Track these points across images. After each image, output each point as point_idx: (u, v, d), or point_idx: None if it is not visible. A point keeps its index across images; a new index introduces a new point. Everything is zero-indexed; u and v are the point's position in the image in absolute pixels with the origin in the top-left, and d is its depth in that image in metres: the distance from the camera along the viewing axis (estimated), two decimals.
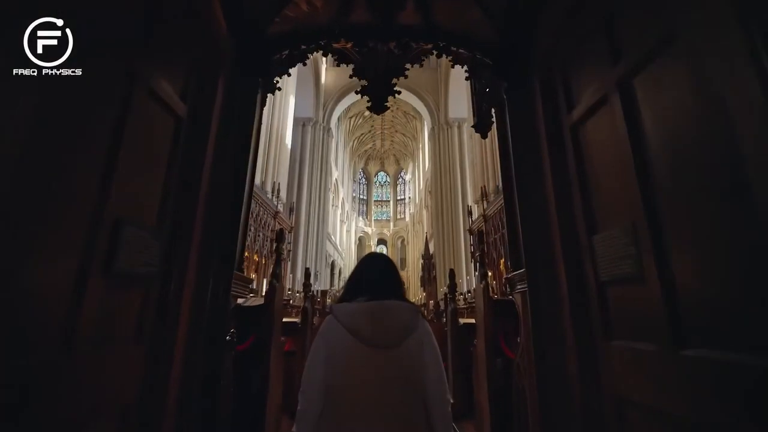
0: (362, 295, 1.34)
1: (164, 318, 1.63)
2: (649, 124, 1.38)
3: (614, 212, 1.57)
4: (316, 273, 21.52)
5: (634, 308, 1.46)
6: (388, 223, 44.46)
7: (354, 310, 1.28)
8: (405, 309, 1.32)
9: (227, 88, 2.15)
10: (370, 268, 1.47)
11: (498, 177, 13.34)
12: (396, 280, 1.44)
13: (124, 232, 1.40)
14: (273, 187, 12.75)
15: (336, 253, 30.95)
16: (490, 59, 2.43)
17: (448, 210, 21.35)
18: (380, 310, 1.27)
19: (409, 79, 11.32)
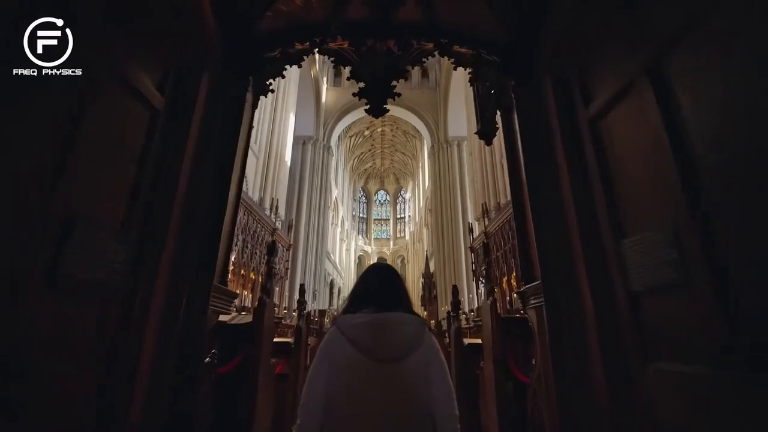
0: (367, 306, 1.29)
1: (126, 335, 1.39)
2: (688, 108, 1.19)
3: (647, 212, 1.36)
4: (314, 292, 21.12)
5: (677, 323, 1.24)
6: (388, 241, 44.16)
7: (358, 322, 1.23)
8: (411, 322, 1.26)
9: (213, 83, 1.99)
10: (376, 279, 1.42)
11: (499, 193, 13.21)
12: (402, 291, 1.39)
13: (76, 234, 1.19)
14: (271, 203, 12.59)
15: (335, 272, 30.53)
16: (496, 56, 2.28)
17: (448, 228, 21.15)
18: (386, 323, 1.22)
19: (409, 99, 11.58)
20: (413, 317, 1.29)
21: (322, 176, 22.97)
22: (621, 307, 1.46)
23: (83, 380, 1.25)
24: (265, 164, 13.23)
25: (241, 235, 9.49)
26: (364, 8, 2.27)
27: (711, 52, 1.12)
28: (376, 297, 1.32)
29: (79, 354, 1.26)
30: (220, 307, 1.97)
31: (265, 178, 13.13)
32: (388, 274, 1.44)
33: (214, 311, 1.89)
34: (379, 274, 1.44)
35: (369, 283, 1.41)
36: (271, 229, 11.76)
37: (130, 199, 1.46)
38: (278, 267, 12.58)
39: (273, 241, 2.92)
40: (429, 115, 24.91)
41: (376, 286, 1.38)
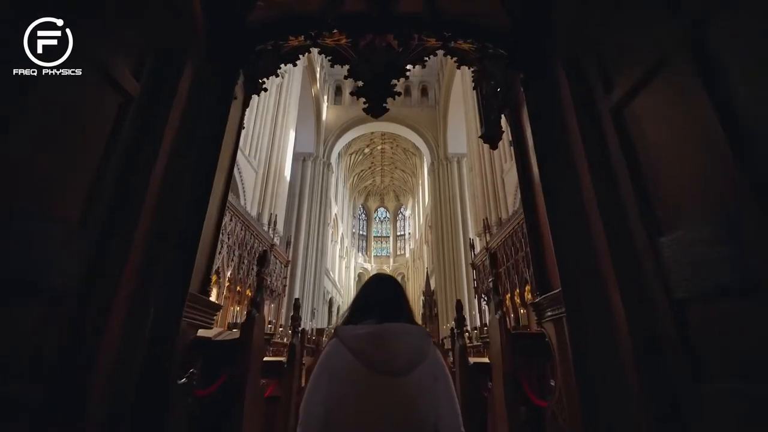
0: (369, 317, 1.24)
1: (77, 348, 1.17)
2: (742, 79, 1.01)
3: (691, 205, 1.16)
4: (313, 310, 20.69)
5: (738, 335, 1.02)
6: (388, 259, 43.76)
7: (360, 333, 1.17)
8: (416, 333, 1.20)
9: (197, 73, 1.82)
10: (378, 289, 1.38)
11: (500, 208, 13.04)
12: (405, 301, 1.35)
13: (16, 227, 0.99)
14: (270, 218, 12.39)
15: (334, 290, 30.06)
16: (503, 49, 2.12)
17: (449, 244, 20.90)
18: (389, 334, 1.16)
19: (408, 117, 11.55)
20: (417, 328, 1.23)
21: (321, 193, 22.88)
22: (661, 316, 1.24)
23: (17, 403, 1.03)
24: (264, 179, 13.10)
25: (238, 250, 9.24)
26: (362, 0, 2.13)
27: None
28: (378, 308, 1.27)
29: (15, 371, 1.03)
30: (200, 320, 1.75)
31: (263, 193, 12.97)
32: (390, 285, 1.39)
33: (192, 324, 1.67)
34: (380, 285, 1.40)
35: (370, 294, 1.37)
36: (269, 244, 11.53)
37: (90, 191, 1.27)
38: (275, 284, 12.29)
39: (264, 251, 2.70)
40: (429, 133, 25.04)
41: (377, 297, 1.33)
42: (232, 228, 8.88)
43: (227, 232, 8.61)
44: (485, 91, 2.89)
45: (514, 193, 12.08)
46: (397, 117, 25.96)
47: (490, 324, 2.72)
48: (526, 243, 8.02)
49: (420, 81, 26.99)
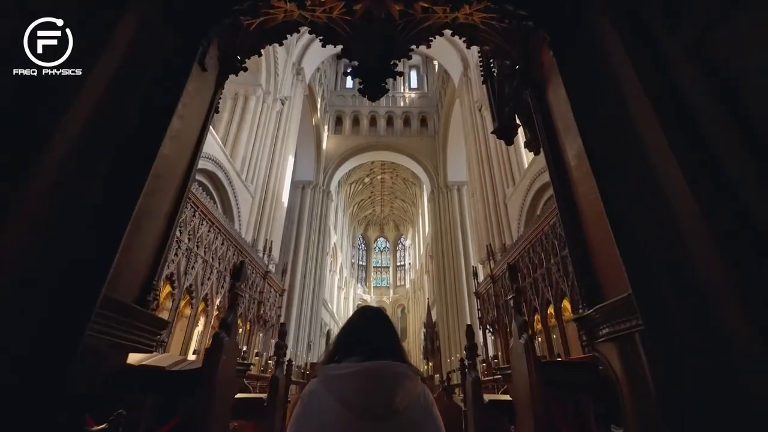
0: (354, 354, 1.15)
1: None
2: None
3: None
4: (309, 343, 19.73)
5: None
6: (388, 290, 42.79)
7: (343, 373, 1.07)
8: (403, 372, 1.09)
9: (146, 24, 1.45)
10: (365, 323, 1.30)
11: (504, 235, 12.60)
12: (395, 337, 1.26)
13: None
14: (265, 245, 11.92)
15: (332, 322, 28.99)
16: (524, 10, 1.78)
17: (450, 274, 20.27)
18: (375, 373, 1.06)
19: (408, 146, 11.45)
20: (405, 366, 1.12)
21: (320, 221, 22.52)
22: None
23: None
24: (260, 204, 12.75)
25: (229, 276, 8.72)
26: None
27: None
28: (364, 344, 1.19)
29: None
30: (129, 339, 1.28)
31: (259, 219, 12.58)
32: (378, 318, 1.31)
33: (114, 344, 1.20)
34: (367, 318, 1.32)
35: (356, 328, 1.29)
36: (263, 271, 11.00)
37: None
38: (269, 313, 11.63)
39: (241, 263, 2.26)
40: (428, 161, 25.06)
41: (363, 332, 1.25)
42: (224, 252, 8.40)
43: (218, 257, 8.12)
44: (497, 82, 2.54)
45: (517, 218, 11.69)
46: (397, 146, 26.11)
47: (513, 352, 2.22)
48: (547, 257, 7.51)
49: (419, 111, 27.38)
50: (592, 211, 1.41)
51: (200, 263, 7.14)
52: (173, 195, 1.57)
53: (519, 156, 12.53)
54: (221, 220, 8.25)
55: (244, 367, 2.62)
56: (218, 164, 9.99)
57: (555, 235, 7.36)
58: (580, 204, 1.56)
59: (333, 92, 27.45)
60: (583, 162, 1.50)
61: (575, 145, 1.59)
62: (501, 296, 10.43)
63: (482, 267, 13.50)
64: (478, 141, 14.70)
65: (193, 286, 6.95)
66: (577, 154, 1.56)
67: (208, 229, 7.63)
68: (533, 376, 1.94)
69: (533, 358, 1.98)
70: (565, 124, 1.66)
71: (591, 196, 1.44)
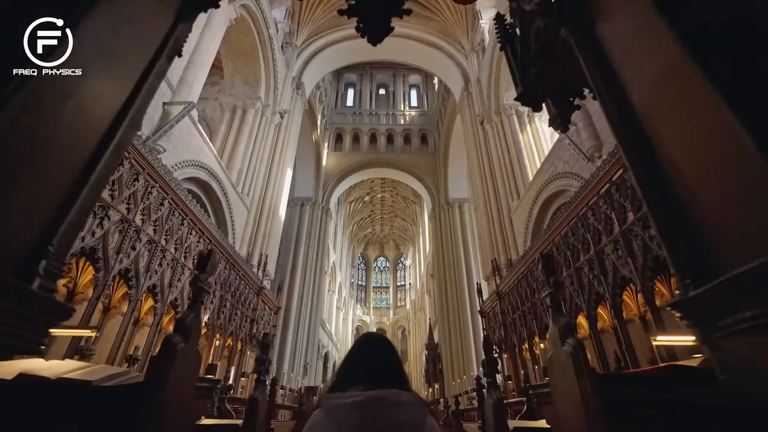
0: (358, 383, 1.09)
1: None
2: None
3: None
4: (305, 365, 18.86)
5: None
6: (388, 311, 41.79)
7: (348, 403, 1.02)
8: (410, 402, 1.06)
9: None
10: (368, 351, 1.25)
11: (510, 250, 12.10)
12: (399, 366, 1.21)
13: None
14: (260, 259, 11.40)
15: (330, 344, 28.03)
16: None
17: (452, 293, 19.63)
18: (380, 404, 1.02)
19: (408, 163, 11.13)
20: (412, 397, 1.07)
21: (319, 239, 22.03)
22: None
23: None
24: (256, 218, 12.31)
25: (220, 290, 8.16)
26: None
27: None
28: (368, 372, 1.15)
29: None
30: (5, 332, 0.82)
31: (255, 233, 12.11)
32: (382, 345, 1.27)
33: None
34: (371, 345, 1.28)
35: (360, 355, 1.24)
36: (257, 287, 10.45)
37: None
38: (263, 332, 10.99)
39: (209, 251, 1.79)
40: (429, 179, 24.82)
41: (368, 360, 1.20)
42: None
43: None
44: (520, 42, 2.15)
45: (523, 232, 11.23)
46: (398, 163, 25.91)
47: (553, 364, 1.73)
48: (558, 270, 6.67)
49: (420, 129, 27.34)
50: (705, 153, 0.98)
51: (187, 275, 6.63)
52: (93, 140, 1.14)
53: (523, 168, 12.20)
54: (213, 231, 7.80)
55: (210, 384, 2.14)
56: (212, 174, 9.61)
57: (568, 245, 6.88)
58: (665, 150, 1.12)
59: (333, 110, 27.51)
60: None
61: (641, 85, 1.18)
62: (508, 314, 9.84)
63: (487, 284, 12.94)
64: (480, 154, 14.41)
65: (178, 299, 6.43)
66: (660, 79, 1.13)
67: (197, 240, 7.16)
68: (588, 396, 1.45)
69: (587, 371, 1.49)
70: (642, 43, 1.23)
71: (669, 140, 1.01)
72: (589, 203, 6.23)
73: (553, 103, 2.41)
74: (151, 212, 5.71)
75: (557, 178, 9.19)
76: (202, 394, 1.88)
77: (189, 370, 1.67)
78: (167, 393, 1.44)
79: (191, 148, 8.63)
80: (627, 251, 5.20)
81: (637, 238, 5.04)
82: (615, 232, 5.53)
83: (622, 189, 5.43)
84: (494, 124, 13.83)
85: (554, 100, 2.39)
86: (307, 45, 17.35)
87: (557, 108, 2.39)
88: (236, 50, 13.24)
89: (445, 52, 17.78)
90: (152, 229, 5.83)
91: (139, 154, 5.36)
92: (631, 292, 5.53)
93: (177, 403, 1.54)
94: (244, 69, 13.58)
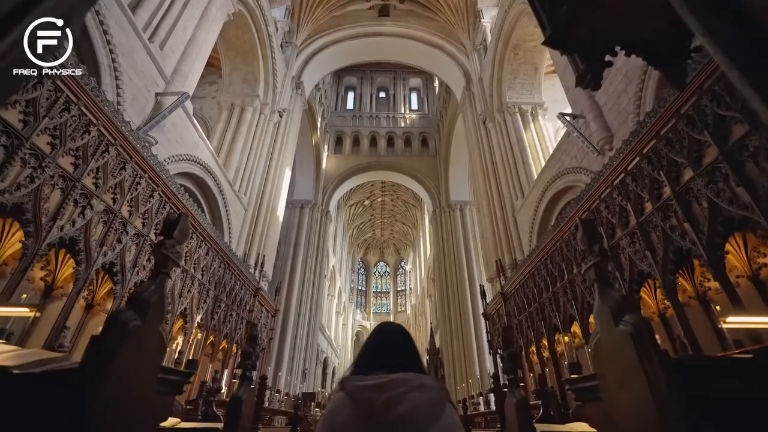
0: (378, 367, 1.11)
1: None
2: None
3: None
4: (304, 371, 18.39)
5: None
6: (388, 316, 41.26)
7: (369, 384, 1.05)
8: (431, 386, 1.06)
9: None
10: (388, 337, 1.27)
11: (514, 250, 11.76)
12: (416, 352, 1.23)
13: None
14: (257, 259, 11.06)
15: (330, 349, 27.54)
16: None
17: (454, 297, 19.23)
18: (404, 385, 1.03)
19: (409, 166, 10.80)
20: (431, 381, 1.08)
21: (318, 242, 21.66)
22: None
23: None
24: (254, 217, 11.97)
25: (213, 290, 7.80)
26: None
27: None
28: (388, 356, 1.17)
29: None
30: None
31: (252, 233, 11.76)
32: (400, 333, 1.28)
33: None
34: (389, 333, 1.29)
35: (379, 342, 1.26)
36: (254, 288, 10.08)
37: None
38: (259, 335, 10.61)
39: (179, 215, 1.46)
40: (430, 181, 24.52)
41: (388, 345, 1.24)
42: (208, 263, 7.55)
43: (201, 267, 7.27)
44: None
45: (528, 231, 10.89)
46: (398, 166, 25.60)
47: (603, 348, 1.40)
48: (569, 268, 6.39)
49: (420, 132, 27.09)
50: None
51: (177, 273, 6.29)
52: None
53: (527, 166, 11.90)
54: (207, 227, 7.47)
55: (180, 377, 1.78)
56: (208, 170, 9.30)
57: (574, 246, 6.55)
58: None
59: (333, 113, 27.32)
60: None
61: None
62: (514, 315, 9.46)
63: (491, 285, 12.57)
64: (483, 154, 14.13)
65: (168, 299, 6.07)
66: None
67: (189, 236, 6.83)
68: (661, 387, 1.11)
69: (657, 355, 1.15)
70: None
71: None
72: (601, 195, 5.90)
73: (580, 58, 2.09)
74: (139, 204, 5.38)
75: (565, 173, 8.88)
76: (167, 390, 1.56)
77: (148, 358, 1.33)
78: (112, 383, 1.10)
79: (185, 142, 8.33)
80: (645, 244, 4.86)
81: (656, 229, 4.71)
82: (631, 225, 5.20)
83: (638, 178, 5.11)
84: (497, 123, 13.56)
85: (581, 54, 2.08)
86: (306, 45, 17.15)
87: (586, 63, 2.07)
88: (235, 47, 13.02)
89: (447, 52, 17.59)
90: (140, 221, 5.51)
91: (126, 141, 5.04)
92: (649, 289, 5.19)
93: (128, 398, 1.20)
94: (243, 67, 13.35)
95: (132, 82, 6.26)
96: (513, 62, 13.53)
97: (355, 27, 17.96)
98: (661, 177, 4.62)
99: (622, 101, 6.66)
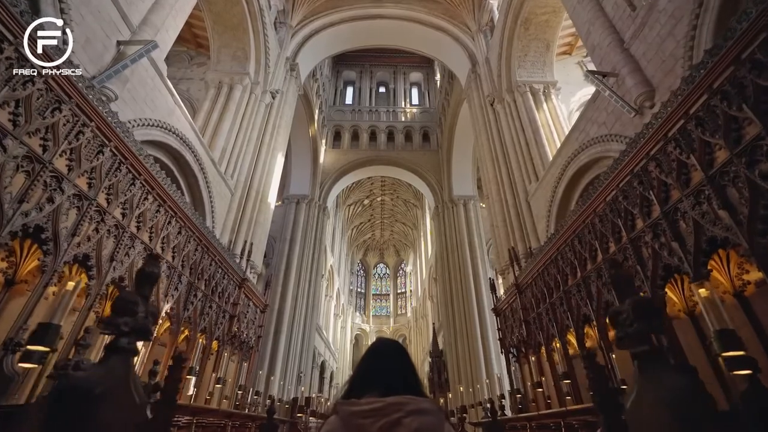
0: (373, 389, 1.09)
1: None
2: None
3: None
4: (300, 374, 17.21)
5: None
6: (388, 319, 40.05)
7: (366, 410, 1.00)
8: (428, 410, 1.02)
9: None
10: (383, 357, 1.23)
11: (528, 237, 10.67)
12: (414, 372, 1.19)
13: None
14: (244, 247, 9.96)
15: (327, 353, 26.30)
16: None
17: (458, 296, 18.10)
18: (400, 410, 0.99)
19: (410, 161, 9.31)
20: (429, 403, 1.04)
21: (315, 238, 20.56)
22: None
23: None
24: (241, 202, 10.89)
25: (188, 276, 6.70)
26: None
27: None
28: (383, 378, 1.13)
29: None
30: None
31: (239, 219, 10.67)
32: (396, 350, 1.24)
33: None
34: (384, 351, 1.25)
35: (373, 361, 1.22)
36: (240, 279, 8.96)
37: None
38: (246, 332, 9.49)
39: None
40: (432, 176, 23.50)
41: (383, 366, 1.19)
42: (181, 243, 6.45)
43: (171, 247, 6.17)
44: None
45: (545, 216, 9.82)
46: (399, 161, 24.55)
47: None
48: (593, 255, 4.98)
49: (421, 126, 26.11)
50: None
51: (139, 249, 5.21)
52: None
53: (541, 148, 10.86)
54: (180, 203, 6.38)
55: None
56: (186, 143, 8.22)
57: (606, 222, 5.46)
58: None
59: (332, 107, 26.38)
60: None
61: None
62: (531, 309, 8.36)
63: (502, 278, 11.48)
64: (491, 138, 13.09)
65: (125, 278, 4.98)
66: None
67: (156, 209, 5.74)
68: None
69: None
70: None
71: None
72: (651, 152, 4.83)
73: None
74: (81, 158, 4.31)
75: (590, 144, 7.82)
76: None
77: None
78: None
79: (158, 107, 7.27)
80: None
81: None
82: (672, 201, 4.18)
83: (683, 145, 4.07)
84: (506, 104, 12.54)
85: None
86: (302, 26, 16.19)
87: None
88: (223, 21, 12.03)
89: (451, 34, 16.63)
90: (105, 198, 4.50)
91: (82, 97, 3.94)
92: (673, 286, 4.29)
93: None
94: (232, 43, 12.35)
95: (84, 21, 5.21)
96: (523, 38, 12.54)
97: (353, 8, 17.01)
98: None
99: (667, 47, 5.62)
